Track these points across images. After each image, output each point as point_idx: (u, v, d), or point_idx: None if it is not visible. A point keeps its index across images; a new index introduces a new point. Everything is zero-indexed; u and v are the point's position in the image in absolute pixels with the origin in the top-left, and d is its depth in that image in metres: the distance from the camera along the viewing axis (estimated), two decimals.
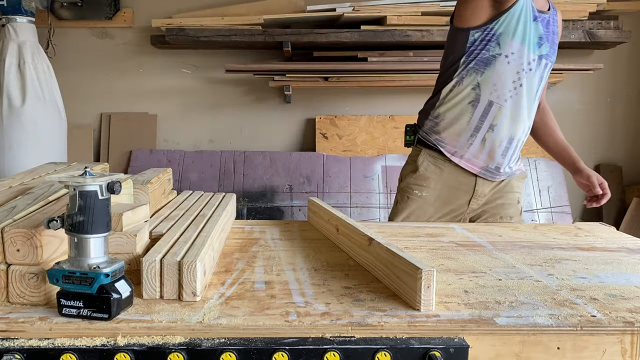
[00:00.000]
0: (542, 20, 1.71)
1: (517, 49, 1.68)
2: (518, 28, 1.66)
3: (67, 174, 0.90)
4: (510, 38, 1.67)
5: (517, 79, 1.71)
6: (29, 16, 2.94)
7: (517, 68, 1.70)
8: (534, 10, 1.69)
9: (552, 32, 1.75)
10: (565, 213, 3.43)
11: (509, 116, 1.74)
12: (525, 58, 1.69)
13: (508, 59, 1.69)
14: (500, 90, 1.72)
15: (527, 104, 1.76)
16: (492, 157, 1.80)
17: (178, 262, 0.94)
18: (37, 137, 2.88)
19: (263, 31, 3.21)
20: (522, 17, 1.67)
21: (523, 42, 1.68)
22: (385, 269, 1.05)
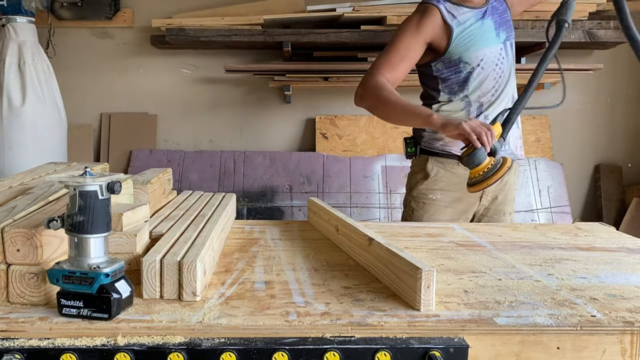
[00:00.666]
0: (488, 12, 1.88)
1: (483, 54, 1.85)
2: (473, 40, 1.83)
3: (67, 174, 0.90)
4: (472, 52, 1.83)
5: (496, 75, 1.88)
6: (29, 16, 2.94)
7: (492, 66, 1.87)
8: (476, 13, 1.86)
9: (502, 12, 1.91)
10: (565, 213, 3.43)
11: (501, 104, 1.89)
12: (494, 55, 1.87)
13: (480, 66, 1.85)
14: (486, 90, 1.88)
15: (510, 84, 1.93)
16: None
17: (178, 262, 0.94)
18: (37, 137, 2.88)
19: (263, 31, 3.21)
20: (471, 29, 1.83)
21: (484, 46, 1.85)
22: (385, 269, 1.05)
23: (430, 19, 1.84)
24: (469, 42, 1.84)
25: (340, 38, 3.18)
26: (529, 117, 3.62)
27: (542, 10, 3.23)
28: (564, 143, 3.68)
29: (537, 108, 1.91)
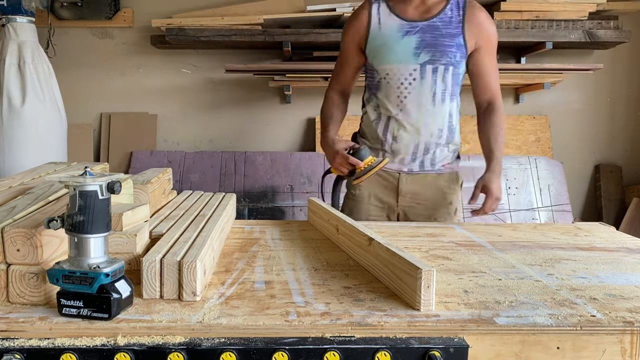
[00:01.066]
0: (419, 30, 1.78)
1: (390, 69, 1.82)
2: (383, 53, 1.82)
3: (67, 174, 0.90)
4: (380, 64, 1.83)
5: (400, 93, 1.82)
6: (29, 16, 2.94)
7: (397, 83, 1.82)
8: (403, 27, 1.79)
9: (440, 36, 1.78)
10: (566, 211, 3.43)
11: (405, 126, 1.84)
12: (402, 73, 1.81)
13: (387, 79, 1.83)
14: (391, 106, 1.85)
15: (423, 109, 1.82)
16: (402, 163, 1.90)
17: (178, 262, 0.94)
18: (37, 137, 2.88)
19: (263, 31, 3.21)
20: (385, 42, 1.81)
21: (392, 62, 1.81)
22: (385, 269, 1.06)
23: (356, 21, 1.88)
24: (379, 52, 1.83)
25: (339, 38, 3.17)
26: (529, 117, 3.62)
27: (542, 10, 3.24)
28: (564, 143, 3.68)
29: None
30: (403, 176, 1.90)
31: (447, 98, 1.84)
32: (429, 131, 1.84)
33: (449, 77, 1.81)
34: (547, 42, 3.22)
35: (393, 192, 1.91)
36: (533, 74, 3.29)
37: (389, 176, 1.91)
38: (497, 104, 1.91)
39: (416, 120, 1.83)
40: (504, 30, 3.20)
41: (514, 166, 3.48)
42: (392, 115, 1.84)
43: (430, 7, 1.80)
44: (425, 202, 1.91)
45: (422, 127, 1.83)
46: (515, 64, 3.42)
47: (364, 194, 1.94)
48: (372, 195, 1.93)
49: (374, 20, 1.83)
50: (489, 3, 3.30)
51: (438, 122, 1.84)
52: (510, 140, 3.60)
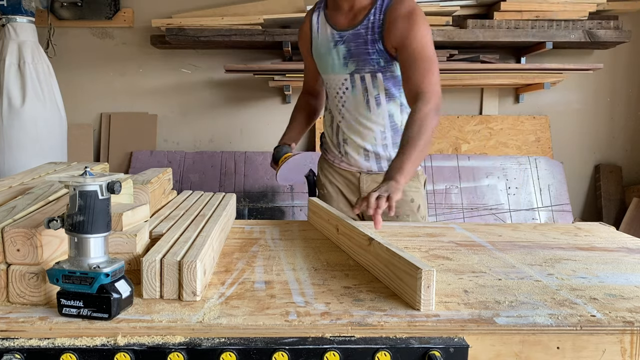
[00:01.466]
0: (346, 39, 1.78)
1: (327, 79, 1.89)
2: (320, 63, 1.89)
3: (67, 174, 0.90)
4: (320, 72, 1.91)
5: (338, 101, 1.88)
6: (29, 16, 2.93)
7: (334, 92, 1.88)
8: (334, 36, 1.80)
9: (361, 44, 1.74)
10: (566, 211, 3.43)
11: (350, 130, 1.89)
12: (336, 82, 1.85)
13: (328, 86, 1.91)
14: (335, 112, 1.91)
15: (360, 115, 1.85)
16: (358, 164, 1.93)
17: (178, 262, 0.94)
18: (37, 137, 2.87)
19: (263, 31, 3.21)
20: (321, 51, 1.85)
21: (327, 72, 1.87)
22: (385, 269, 1.06)
23: (302, 29, 1.95)
24: (318, 62, 1.89)
25: None
26: (529, 117, 3.62)
27: (542, 10, 3.24)
28: (564, 143, 3.68)
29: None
30: (363, 176, 1.93)
31: (383, 101, 1.82)
32: (372, 135, 1.86)
33: (378, 82, 1.79)
34: (547, 42, 3.22)
35: (356, 191, 1.95)
36: (533, 74, 3.29)
37: (351, 176, 1.95)
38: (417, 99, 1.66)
39: (356, 126, 1.87)
40: (504, 30, 3.20)
41: (514, 166, 3.48)
42: (337, 121, 1.91)
43: (357, 13, 1.76)
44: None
45: (363, 132, 1.86)
46: (515, 64, 3.42)
47: (332, 193, 2.00)
48: (340, 193, 1.99)
49: (314, 29, 1.88)
50: (489, 3, 3.30)
51: (379, 125, 1.85)
52: (510, 140, 3.60)
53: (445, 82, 3.23)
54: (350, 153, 1.91)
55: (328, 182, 2.01)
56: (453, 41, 3.21)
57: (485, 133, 3.60)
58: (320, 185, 2.04)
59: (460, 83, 3.33)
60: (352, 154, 1.91)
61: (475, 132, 3.59)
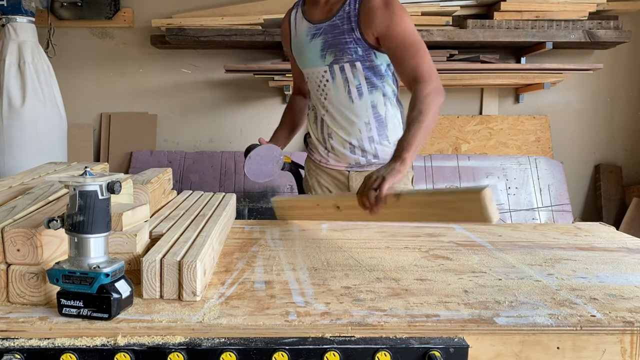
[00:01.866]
0: (322, 31, 1.79)
1: (307, 73, 1.90)
2: (299, 58, 1.90)
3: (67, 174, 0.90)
4: (301, 67, 1.92)
5: (319, 95, 1.88)
6: (29, 16, 2.93)
7: (315, 85, 1.88)
8: (310, 30, 1.82)
9: (339, 33, 1.76)
10: (566, 211, 3.43)
11: (334, 124, 1.88)
12: (316, 75, 1.85)
13: (309, 80, 1.91)
14: (318, 107, 1.91)
15: (342, 107, 1.85)
16: (345, 159, 1.92)
17: (178, 262, 0.94)
18: (37, 137, 2.87)
19: (263, 31, 3.21)
20: (300, 46, 1.86)
21: (307, 66, 1.87)
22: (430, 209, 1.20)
23: (282, 28, 1.97)
24: (298, 57, 1.90)
25: None
26: (529, 117, 3.62)
27: (542, 10, 3.24)
28: (564, 143, 3.68)
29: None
30: (352, 174, 1.92)
31: (365, 91, 1.81)
32: (357, 127, 1.85)
33: (358, 72, 1.79)
34: (547, 42, 3.22)
35: (345, 190, 1.94)
36: (533, 74, 3.29)
37: (339, 175, 1.94)
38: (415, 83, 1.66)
39: (340, 118, 1.86)
40: (504, 30, 3.20)
41: (514, 166, 3.48)
42: (321, 115, 1.90)
43: (332, 5, 1.79)
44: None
45: (348, 125, 1.85)
46: (515, 64, 3.42)
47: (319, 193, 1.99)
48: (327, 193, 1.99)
49: (292, 26, 1.90)
50: (489, 3, 3.30)
51: (363, 117, 1.83)
52: (510, 140, 3.60)
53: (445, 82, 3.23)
54: (337, 147, 1.89)
55: (316, 183, 1.99)
56: (453, 41, 3.21)
57: (485, 133, 3.60)
58: (307, 187, 2.03)
59: (460, 83, 3.33)
60: (339, 148, 1.89)
61: (475, 132, 3.59)
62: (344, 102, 1.83)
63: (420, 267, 1.19)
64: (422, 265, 1.20)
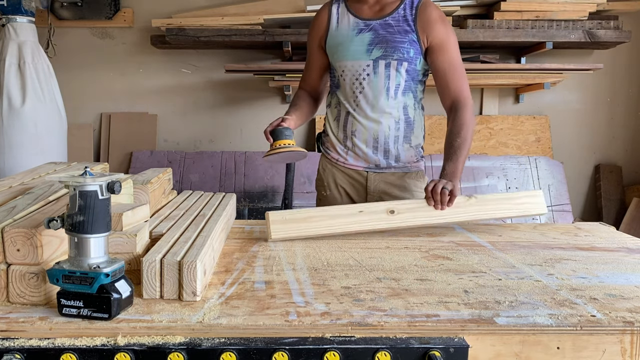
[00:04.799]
0: (372, 27, 1.83)
1: (345, 67, 1.87)
2: (339, 51, 1.87)
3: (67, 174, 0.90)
4: (337, 61, 1.89)
5: (355, 88, 1.87)
6: (29, 16, 2.93)
7: (352, 79, 1.86)
8: (358, 25, 1.85)
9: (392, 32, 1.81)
10: (566, 211, 3.43)
11: (364, 119, 1.88)
12: (356, 69, 1.85)
13: (343, 77, 1.89)
14: (347, 102, 1.90)
15: (377, 103, 1.86)
16: (366, 159, 1.91)
17: (178, 262, 0.94)
18: (37, 137, 2.87)
19: (263, 31, 3.21)
20: (341, 40, 1.86)
21: (347, 59, 1.85)
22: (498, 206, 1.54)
23: (317, 21, 1.94)
24: (336, 50, 1.88)
25: None
26: (529, 117, 3.62)
27: (542, 10, 3.24)
28: (564, 143, 3.68)
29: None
30: (371, 175, 1.91)
31: (401, 92, 1.86)
32: (386, 123, 1.87)
33: (402, 71, 1.83)
34: (547, 42, 3.22)
35: (362, 191, 1.94)
36: (533, 74, 3.29)
37: (357, 175, 1.93)
38: (459, 106, 1.80)
39: (371, 113, 1.86)
40: (504, 30, 3.20)
41: (514, 166, 3.48)
42: (349, 110, 1.88)
43: (384, 6, 1.84)
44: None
45: (378, 120, 1.86)
46: (515, 64, 3.41)
47: (335, 195, 1.97)
48: (344, 195, 1.97)
49: (332, 19, 1.89)
50: (489, 3, 3.30)
51: (394, 115, 1.87)
52: (510, 140, 3.60)
53: None
54: (359, 145, 1.88)
55: (332, 182, 1.97)
56: None
57: (485, 133, 3.60)
58: (322, 186, 2.00)
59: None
60: (361, 146, 1.88)
61: (475, 132, 3.58)
62: (380, 98, 1.85)
63: (420, 267, 1.19)
64: (422, 265, 1.20)
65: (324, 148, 2.03)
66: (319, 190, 2.03)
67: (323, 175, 2.01)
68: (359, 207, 1.50)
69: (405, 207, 1.51)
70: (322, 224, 1.44)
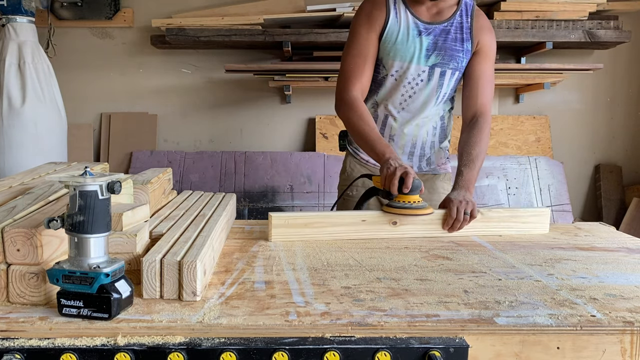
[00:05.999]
0: (432, 32, 1.76)
1: (399, 67, 1.78)
2: (396, 49, 1.76)
3: (67, 174, 0.90)
4: (391, 59, 1.78)
5: (405, 92, 1.80)
6: (29, 16, 2.93)
7: (404, 82, 1.79)
8: (418, 26, 1.76)
9: (451, 40, 1.76)
10: (566, 211, 3.43)
11: (405, 125, 1.84)
12: (411, 72, 1.78)
13: (394, 77, 1.80)
14: (392, 104, 1.83)
15: (424, 110, 1.82)
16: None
17: (178, 261, 0.94)
18: (37, 137, 2.87)
19: (263, 31, 3.21)
20: (399, 38, 1.76)
21: (404, 60, 1.77)
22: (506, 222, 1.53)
23: (376, 10, 1.77)
24: (391, 48, 1.76)
25: (340, 38, 3.18)
26: (529, 117, 3.62)
27: (542, 10, 3.24)
28: (564, 143, 3.68)
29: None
30: None
31: (446, 99, 1.86)
32: (425, 130, 1.85)
33: (453, 81, 1.82)
34: (547, 42, 3.22)
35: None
36: (533, 74, 3.29)
37: None
38: (483, 119, 1.77)
39: (415, 119, 1.83)
40: (504, 30, 3.20)
41: (514, 166, 3.48)
42: (392, 113, 1.83)
43: (442, 11, 1.78)
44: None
45: (420, 126, 1.84)
46: (515, 64, 3.42)
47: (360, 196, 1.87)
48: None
49: (391, 14, 1.77)
50: (489, 3, 3.30)
51: (433, 121, 1.86)
52: (510, 140, 3.60)
53: None
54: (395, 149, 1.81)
55: (361, 183, 1.86)
56: None
57: None
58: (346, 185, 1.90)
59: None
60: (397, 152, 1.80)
61: None
62: (429, 105, 1.81)
63: (420, 267, 1.19)
64: (422, 265, 1.20)
65: (352, 148, 1.95)
66: (340, 189, 1.94)
67: (351, 175, 1.94)
68: (362, 216, 1.48)
69: (408, 219, 1.49)
70: (324, 230, 1.44)
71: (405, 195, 1.45)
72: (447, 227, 1.50)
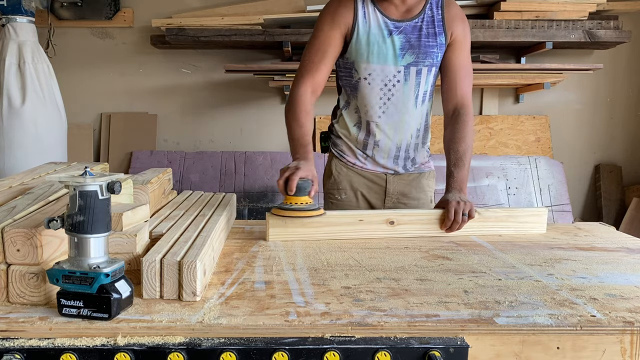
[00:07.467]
0: (403, 30, 1.70)
1: (373, 70, 1.72)
2: (369, 51, 1.71)
3: (67, 174, 0.90)
4: (364, 62, 1.72)
5: (383, 94, 1.75)
6: (29, 16, 2.94)
7: (380, 85, 1.74)
8: (388, 26, 1.70)
9: (424, 36, 1.71)
10: (566, 211, 3.43)
11: (387, 129, 1.79)
12: (387, 74, 1.73)
13: (367, 80, 1.74)
14: (371, 110, 1.77)
15: (405, 111, 1.77)
16: (385, 166, 1.85)
17: (178, 262, 0.94)
18: (37, 137, 2.88)
19: (263, 31, 3.21)
20: (370, 39, 1.70)
21: (376, 62, 1.71)
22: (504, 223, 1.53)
23: (343, 9, 1.71)
24: (364, 49, 1.70)
25: None
26: (529, 117, 3.62)
27: (542, 10, 3.24)
28: (564, 143, 3.68)
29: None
30: (389, 177, 1.87)
31: (427, 99, 1.81)
32: (409, 132, 1.81)
33: (431, 78, 1.78)
34: (547, 42, 3.22)
35: (381, 193, 1.88)
36: (533, 74, 3.29)
37: (376, 177, 1.87)
38: (465, 111, 1.74)
39: (398, 122, 1.78)
40: (504, 30, 3.20)
41: (514, 166, 3.48)
42: (373, 119, 1.77)
43: (411, 7, 1.72)
44: (411, 202, 1.90)
45: (403, 129, 1.79)
46: (515, 64, 3.42)
47: (352, 198, 1.88)
48: (361, 198, 1.89)
49: (359, 12, 1.70)
50: (489, 3, 3.30)
51: (417, 123, 1.82)
52: (510, 140, 3.60)
53: None
54: (380, 154, 1.82)
55: (349, 186, 1.87)
56: None
57: (486, 133, 3.60)
58: (337, 190, 1.88)
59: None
60: (382, 155, 1.82)
61: (475, 132, 3.59)
62: (409, 105, 1.76)
63: (420, 267, 1.19)
64: (422, 265, 1.20)
65: (337, 150, 1.90)
66: (332, 194, 1.90)
67: (338, 178, 1.89)
68: (359, 216, 1.48)
69: (405, 218, 1.49)
70: (321, 230, 1.44)
71: (294, 197, 1.42)
72: (445, 228, 1.51)
